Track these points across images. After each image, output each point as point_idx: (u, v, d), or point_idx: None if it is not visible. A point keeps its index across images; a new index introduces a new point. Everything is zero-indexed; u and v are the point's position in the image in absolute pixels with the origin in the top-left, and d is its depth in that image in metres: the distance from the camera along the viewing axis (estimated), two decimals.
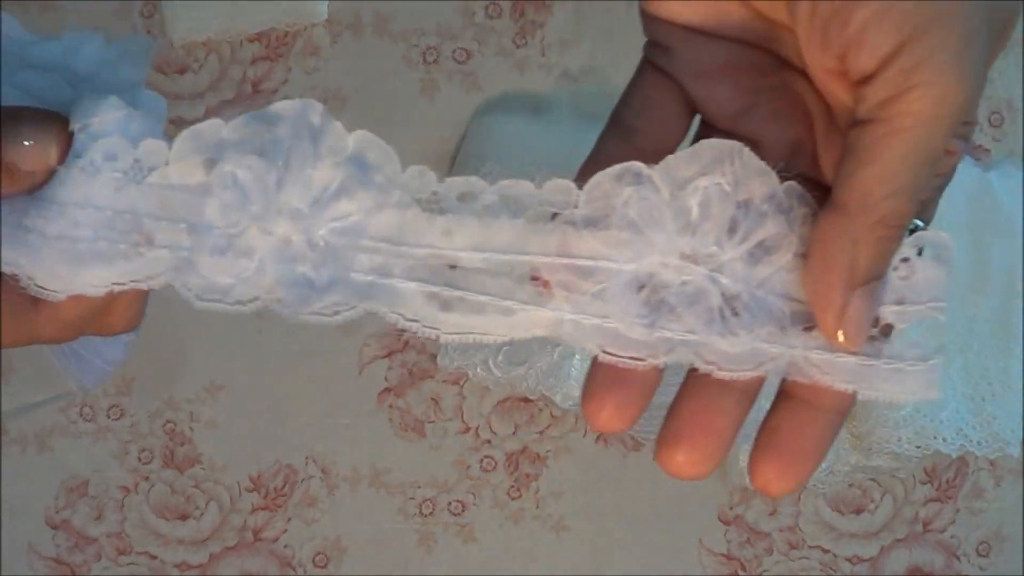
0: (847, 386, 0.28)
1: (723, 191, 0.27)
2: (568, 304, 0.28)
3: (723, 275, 0.28)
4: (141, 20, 0.74)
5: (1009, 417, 0.70)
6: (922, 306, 0.28)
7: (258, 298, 0.29)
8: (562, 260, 0.28)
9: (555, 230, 0.28)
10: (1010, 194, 0.73)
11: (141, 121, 0.29)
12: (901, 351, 0.28)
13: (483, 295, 0.28)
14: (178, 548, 0.74)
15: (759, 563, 0.75)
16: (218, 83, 0.73)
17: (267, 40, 0.74)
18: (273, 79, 0.73)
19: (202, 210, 0.28)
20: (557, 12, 0.75)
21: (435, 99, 0.74)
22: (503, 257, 0.28)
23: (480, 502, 0.74)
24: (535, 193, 0.28)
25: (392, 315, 0.28)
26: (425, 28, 0.74)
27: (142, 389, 0.73)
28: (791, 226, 0.28)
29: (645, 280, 0.28)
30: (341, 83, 0.74)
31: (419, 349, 0.74)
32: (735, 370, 0.28)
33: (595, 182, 0.28)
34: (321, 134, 0.28)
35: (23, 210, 0.28)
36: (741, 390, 0.29)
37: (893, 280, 0.28)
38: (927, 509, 0.76)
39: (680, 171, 0.27)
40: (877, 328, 0.28)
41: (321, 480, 0.74)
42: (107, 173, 0.28)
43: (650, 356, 0.28)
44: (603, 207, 0.28)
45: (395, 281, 0.28)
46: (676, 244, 0.28)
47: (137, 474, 0.74)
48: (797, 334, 0.28)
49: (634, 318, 0.28)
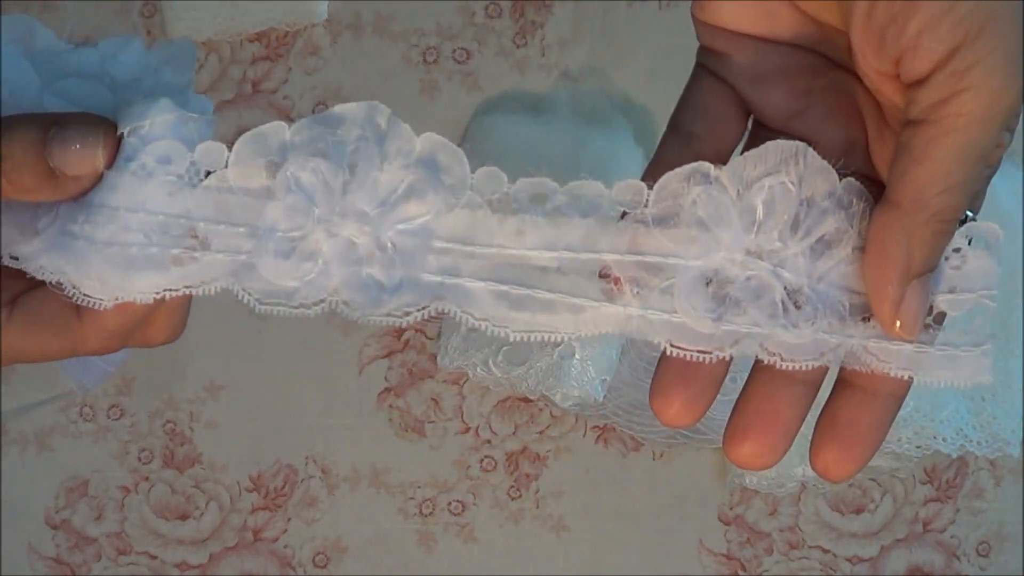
0: (903, 373, 0.29)
1: (787, 189, 0.28)
2: (637, 300, 0.29)
3: (786, 270, 0.29)
4: (141, 20, 0.74)
5: (1009, 417, 0.70)
6: (974, 295, 0.30)
7: (323, 301, 0.29)
8: (632, 257, 0.29)
9: (626, 228, 0.29)
10: (1010, 194, 0.73)
11: (195, 124, 0.29)
12: (954, 338, 0.29)
13: (553, 293, 0.29)
14: (178, 548, 0.74)
15: (759, 563, 0.75)
16: (218, 83, 0.73)
17: (267, 40, 0.74)
18: (273, 79, 0.73)
19: (264, 213, 0.28)
20: (557, 12, 0.75)
21: (435, 99, 0.74)
22: (574, 255, 0.29)
23: (480, 502, 0.74)
24: (605, 193, 0.29)
25: (462, 314, 0.29)
26: (425, 28, 0.74)
27: (142, 389, 0.73)
28: (850, 221, 0.29)
29: (712, 276, 0.29)
30: (341, 83, 0.74)
31: (419, 349, 0.74)
32: (797, 360, 0.29)
33: (664, 182, 0.29)
34: (387, 136, 0.28)
35: (70, 216, 0.28)
36: (805, 382, 0.30)
37: (945, 269, 0.29)
38: (927, 509, 0.76)
39: (747, 171, 0.28)
40: (931, 316, 0.29)
41: (321, 480, 0.74)
42: (160, 176, 0.28)
43: (717, 349, 0.29)
44: (671, 206, 0.29)
45: (465, 280, 0.29)
46: (742, 241, 0.28)
47: (137, 474, 0.74)
48: (855, 324, 0.29)
49: (702, 312, 0.29)
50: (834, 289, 0.29)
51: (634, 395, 0.70)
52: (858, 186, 0.29)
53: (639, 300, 0.29)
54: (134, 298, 0.28)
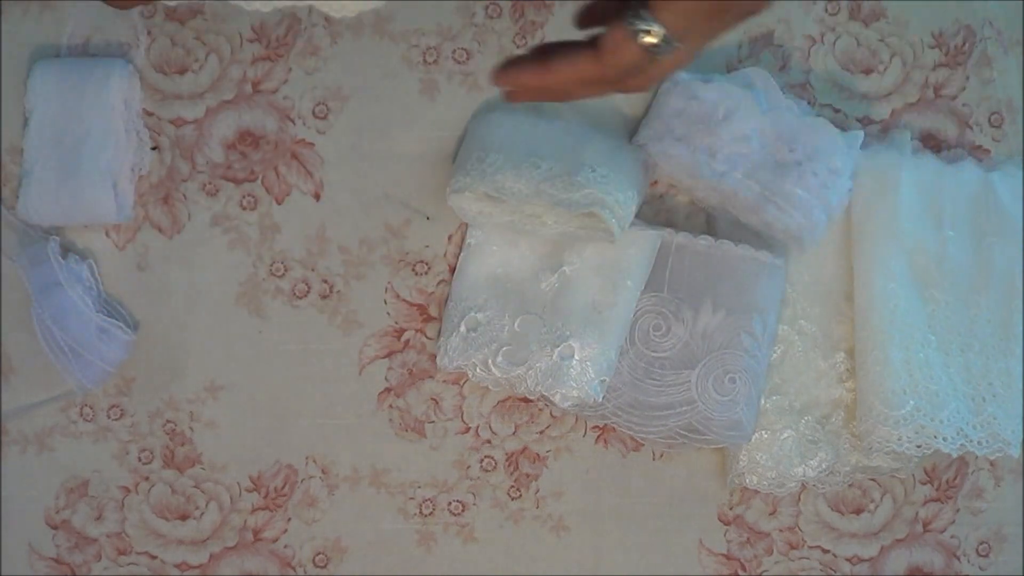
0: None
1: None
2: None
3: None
4: (141, 20, 0.74)
5: (1009, 417, 0.70)
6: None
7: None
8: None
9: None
10: (1012, 195, 0.73)
11: None
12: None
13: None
14: (178, 548, 0.74)
15: (759, 563, 0.75)
16: (218, 83, 0.73)
17: (267, 40, 0.74)
18: (273, 79, 0.73)
19: None
20: (557, 12, 0.75)
21: (435, 99, 0.74)
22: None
23: (480, 502, 0.74)
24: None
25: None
26: (425, 28, 0.74)
27: (142, 389, 0.73)
28: None
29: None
30: (341, 83, 0.74)
31: (419, 349, 0.74)
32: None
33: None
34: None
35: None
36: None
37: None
38: (927, 509, 0.76)
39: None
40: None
41: (321, 480, 0.74)
42: None
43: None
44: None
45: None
46: None
47: (137, 474, 0.74)
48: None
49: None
50: None
51: (634, 395, 0.70)
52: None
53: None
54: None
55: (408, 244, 0.74)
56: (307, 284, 0.74)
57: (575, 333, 0.69)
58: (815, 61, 0.76)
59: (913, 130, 0.75)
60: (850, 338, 0.72)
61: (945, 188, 0.73)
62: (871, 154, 0.72)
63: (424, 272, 0.74)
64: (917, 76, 0.76)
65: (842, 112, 0.75)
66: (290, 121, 0.73)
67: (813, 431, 0.72)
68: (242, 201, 0.74)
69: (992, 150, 0.76)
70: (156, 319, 0.73)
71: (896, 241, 0.70)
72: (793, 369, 0.72)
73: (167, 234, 0.74)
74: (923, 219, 0.72)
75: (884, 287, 0.69)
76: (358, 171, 0.74)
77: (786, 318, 0.72)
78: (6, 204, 0.72)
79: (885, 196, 0.71)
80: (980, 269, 0.72)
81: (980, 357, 0.71)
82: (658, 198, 0.74)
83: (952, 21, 0.76)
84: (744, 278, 0.70)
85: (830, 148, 0.69)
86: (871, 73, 0.76)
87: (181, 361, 0.73)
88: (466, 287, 0.72)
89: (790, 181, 0.68)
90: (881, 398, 0.67)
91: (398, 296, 0.74)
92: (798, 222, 0.68)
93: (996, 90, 0.76)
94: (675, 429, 0.69)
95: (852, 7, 0.76)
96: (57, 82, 0.71)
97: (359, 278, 0.74)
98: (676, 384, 0.69)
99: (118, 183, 0.71)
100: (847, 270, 0.72)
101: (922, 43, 0.76)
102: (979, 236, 0.72)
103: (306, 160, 0.73)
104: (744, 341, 0.69)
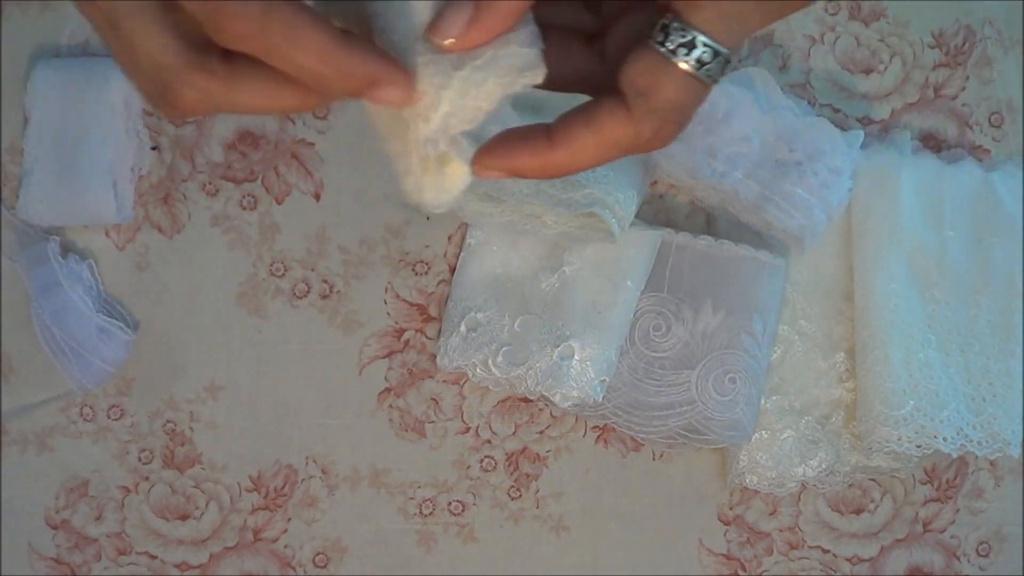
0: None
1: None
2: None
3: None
4: None
5: (1010, 417, 0.70)
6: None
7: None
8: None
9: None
10: (1012, 195, 0.73)
11: None
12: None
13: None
14: (178, 548, 0.74)
15: (759, 563, 0.75)
16: None
17: None
18: None
19: None
20: None
21: None
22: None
23: (480, 502, 0.74)
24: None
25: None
26: None
27: (142, 389, 0.73)
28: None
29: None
30: None
31: (419, 349, 0.74)
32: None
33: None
34: None
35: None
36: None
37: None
38: (927, 509, 0.76)
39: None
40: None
41: (321, 480, 0.74)
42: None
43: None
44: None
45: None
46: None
47: (137, 474, 0.74)
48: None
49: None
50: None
51: (634, 395, 0.70)
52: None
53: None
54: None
55: (408, 244, 0.74)
56: (307, 284, 0.74)
57: (575, 333, 0.69)
58: (815, 61, 0.76)
59: (913, 130, 0.75)
60: (850, 338, 0.72)
61: (945, 188, 0.73)
62: (871, 154, 0.72)
63: (424, 272, 0.74)
64: (917, 76, 0.76)
65: (842, 112, 0.75)
66: (290, 121, 0.73)
67: (813, 431, 0.72)
68: (242, 201, 0.74)
69: (992, 150, 0.76)
70: (156, 319, 0.73)
71: (896, 241, 0.70)
72: (793, 369, 0.72)
73: (167, 234, 0.74)
74: (923, 219, 0.72)
75: (884, 287, 0.69)
76: (358, 171, 0.74)
77: (786, 318, 0.72)
78: (6, 204, 0.72)
79: (885, 196, 0.71)
80: (980, 269, 0.72)
81: (980, 357, 0.71)
82: (658, 198, 0.74)
83: (952, 21, 0.76)
84: (744, 278, 0.70)
85: (830, 148, 0.69)
86: (871, 73, 0.76)
87: (181, 361, 0.73)
88: (466, 287, 0.72)
89: (790, 181, 0.68)
90: (881, 398, 0.67)
91: (398, 296, 0.74)
92: (798, 222, 0.68)
93: (996, 90, 0.76)
94: (675, 429, 0.69)
95: (852, 7, 0.76)
96: (57, 82, 0.71)
97: (359, 278, 0.74)
98: (676, 384, 0.69)
99: (118, 183, 0.71)
100: (847, 270, 0.72)
101: (922, 43, 0.76)
102: (979, 236, 0.72)
103: (306, 160, 0.73)
104: (744, 341, 0.69)
